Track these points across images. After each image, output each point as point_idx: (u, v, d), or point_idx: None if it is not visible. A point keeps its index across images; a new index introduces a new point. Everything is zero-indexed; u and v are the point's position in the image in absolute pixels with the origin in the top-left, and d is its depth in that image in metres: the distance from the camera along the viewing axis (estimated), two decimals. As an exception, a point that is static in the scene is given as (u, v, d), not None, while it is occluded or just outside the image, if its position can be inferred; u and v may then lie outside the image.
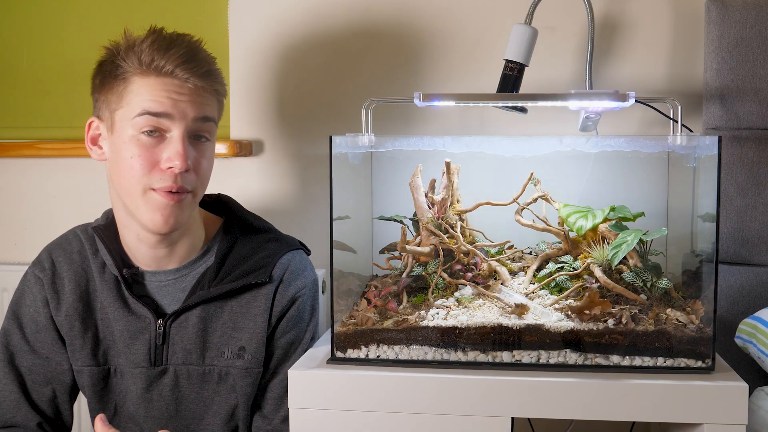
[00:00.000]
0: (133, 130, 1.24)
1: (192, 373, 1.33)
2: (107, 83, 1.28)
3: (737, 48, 1.55)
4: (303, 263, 1.40)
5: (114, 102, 1.27)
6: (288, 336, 1.35)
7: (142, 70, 1.24)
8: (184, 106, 1.25)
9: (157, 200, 1.25)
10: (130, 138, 1.24)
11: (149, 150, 1.24)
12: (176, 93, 1.24)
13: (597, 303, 1.20)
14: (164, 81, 1.24)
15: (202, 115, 1.27)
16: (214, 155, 1.34)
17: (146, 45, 1.24)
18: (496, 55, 1.62)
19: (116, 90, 1.26)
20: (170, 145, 1.25)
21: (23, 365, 1.36)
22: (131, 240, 1.33)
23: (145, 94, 1.24)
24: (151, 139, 1.24)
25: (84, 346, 1.34)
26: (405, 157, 1.44)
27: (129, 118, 1.24)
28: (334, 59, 1.75)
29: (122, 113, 1.25)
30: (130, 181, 1.25)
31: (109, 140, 1.29)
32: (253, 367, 1.33)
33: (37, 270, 1.38)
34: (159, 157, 1.25)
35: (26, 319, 1.37)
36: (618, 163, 1.47)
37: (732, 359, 1.43)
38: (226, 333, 1.33)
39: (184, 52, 1.25)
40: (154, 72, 1.24)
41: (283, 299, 1.35)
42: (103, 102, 1.28)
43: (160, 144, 1.25)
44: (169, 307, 1.35)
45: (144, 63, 1.24)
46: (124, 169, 1.25)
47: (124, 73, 1.25)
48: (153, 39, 1.25)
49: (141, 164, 1.24)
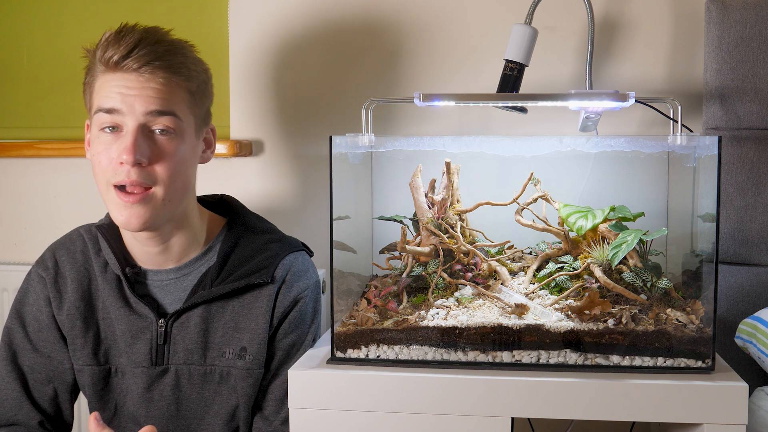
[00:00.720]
0: (96, 128, 1.26)
1: (193, 373, 1.33)
2: (87, 84, 1.30)
3: (737, 48, 1.55)
4: (306, 265, 1.40)
5: (89, 102, 1.29)
6: (290, 338, 1.35)
7: (103, 68, 1.25)
8: (131, 100, 1.23)
9: (115, 200, 1.25)
10: (96, 136, 1.27)
11: (109, 146, 1.25)
12: (125, 87, 1.23)
13: (597, 303, 1.20)
14: (115, 76, 1.24)
15: (153, 109, 1.23)
16: (191, 151, 1.30)
17: (105, 40, 1.25)
18: (496, 55, 1.63)
19: (89, 90, 1.29)
20: (121, 139, 1.24)
21: (25, 364, 1.37)
22: (127, 238, 1.35)
23: (100, 90, 1.25)
24: (110, 135, 1.25)
25: (85, 345, 1.34)
26: (405, 157, 1.44)
27: (92, 116, 1.27)
28: (334, 59, 1.75)
29: (92, 113, 1.28)
30: (98, 178, 1.27)
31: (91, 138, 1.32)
32: (254, 368, 1.33)
33: (40, 269, 1.38)
34: (115, 152, 1.24)
35: (29, 318, 1.37)
36: (618, 163, 1.47)
37: (732, 359, 1.43)
38: (227, 333, 1.33)
39: (133, 42, 1.23)
40: (111, 68, 1.24)
41: (285, 301, 1.34)
42: (87, 104, 1.31)
43: (118, 140, 1.25)
44: (171, 306, 1.35)
45: (104, 60, 1.24)
46: (94, 166, 1.28)
47: (94, 72, 1.27)
48: (114, 33, 1.25)
49: (101, 161, 1.25)
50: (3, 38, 1.88)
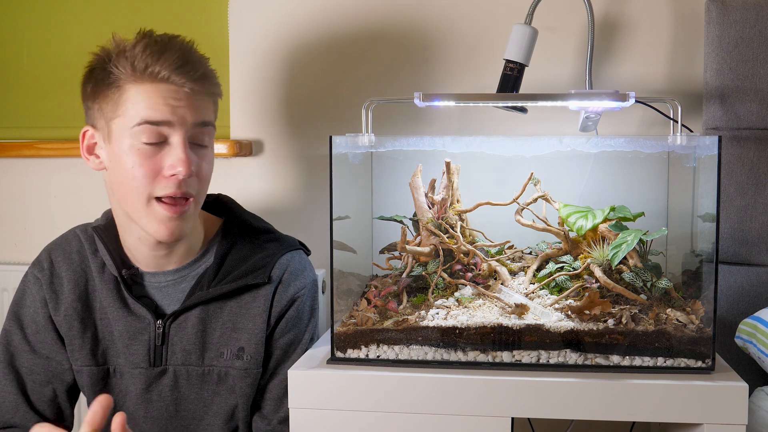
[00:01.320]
0: (132, 140, 1.22)
1: (191, 374, 1.33)
2: (100, 91, 1.25)
3: (737, 48, 1.55)
4: (302, 264, 1.40)
5: (109, 111, 1.24)
6: (287, 337, 1.35)
7: (136, 76, 1.22)
8: (182, 112, 1.23)
9: (160, 213, 1.24)
10: (130, 147, 1.22)
11: (150, 158, 1.22)
12: (173, 99, 1.22)
13: (597, 303, 1.20)
14: (159, 87, 1.22)
15: (200, 120, 1.25)
16: (213, 159, 1.32)
17: (138, 50, 1.22)
18: (496, 55, 1.62)
19: (111, 98, 1.23)
20: (172, 152, 1.23)
21: (24, 366, 1.36)
22: (131, 242, 1.33)
23: (142, 102, 1.21)
24: (151, 147, 1.22)
25: (83, 345, 1.34)
26: (405, 157, 1.44)
27: (127, 127, 1.22)
28: (334, 59, 1.75)
29: (120, 122, 1.23)
30: (133, 192, 1.23)
31: (107, 149, 1.26)
32: (252, 368, 1.33)
33: (36, 270, 1.38)
34: (161, 164, 1.23)
35: (27, 320, 1.37)
36: (618, 163, 1.47)
37: (732, 359, 1.43)
38: (225, 333, 1.33)
39: (178, 56, 1.23)
40: (149, 78, 1.21)
41: (282, 300, 1.35)
42: (98, 111, 1.26)
43: (161, 151, 1.23)
44: (169, 307, 1.35)
45: (138, 69, 1.21)
46: (126, 179, 1.23)
47: (117, 81, 1.23)
48: (145, 44, 1.22)
49: (143, 173, 1.22)
50: (3, 38, 1.88)
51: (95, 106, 1.26)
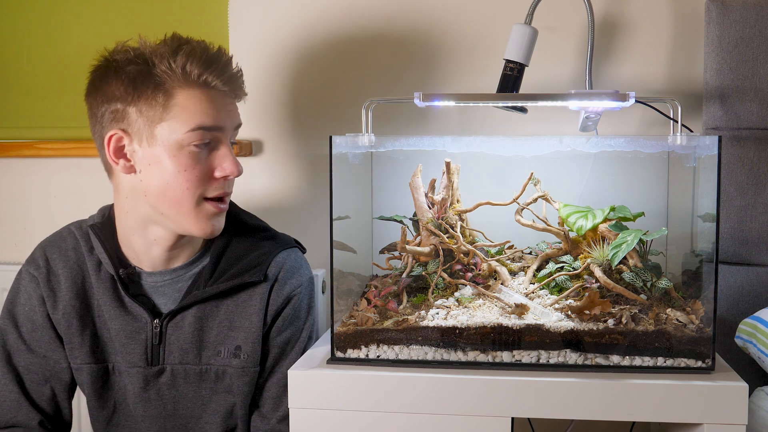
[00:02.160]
0: (184, 143, 1.25)
1: (189, 373, 1.33)
2: (141, 94, 1.24)
3: (737, 48, 1.55)
4: (298, 262, 1.40)
5: (156, 115, 1.24)
6: (284, 335, 1.36)
7: (188, 82, 1.25)
8: (227, 116, 1.29)
9: (209, 211, 1.29)
10: (180, 150, 1.25)
11: (203, 162, 1.27)
12: (223, 105, 1.28)
13: (597, 303, 1.20)
14: (210, 93, 1.26)
15: (238, 123, 1.33)
16: None
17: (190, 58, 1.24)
18: (496, 55, 1.63)
19: (156, 102, 1.24)
20: (220, 154, 1.28)
21: (21, 364, 1.36)
22: (140, 243, 1.33)
23: (194, 107, 1.24)
24: (202, 150, 1.26)
25: (83, 343, 1.34)
26: (405, 157, 1.44)
27: (180, 131, 1.24)
28: (334, 59, 1.75)
29: (168, 126, 1.24)
30: (184, 193, 1.26)
31: (146, 152, 1.25)
32: (249, 366, 1.33)
33: (31, 268, 1.37)
34: (211, 166, 1.28)
35: (22, 318, 1.36)
36: (618, 163, 1.47)
37: (732, 359, 1.43)
38: (222, 332, 1.33)
39: (224, 65, 1.28)
40: (201, 85, 1.26)
41: (278, 298, 1.35)
42: (135, 113, 1.24)
43: (209, 154, 1.28)
44: (166, 306, 1.35)
45: (192, 75, 1.24)
46: (177, 181, 1.25)
47: (163, 84, 1.24)
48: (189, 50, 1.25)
49: (197, 176, 1.26)
50: (3, 38, 1.88)
51: (132, 109, 1.24)
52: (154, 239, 1.31)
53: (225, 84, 1.28)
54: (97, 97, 1.28)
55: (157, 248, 1.32)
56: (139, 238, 1.32)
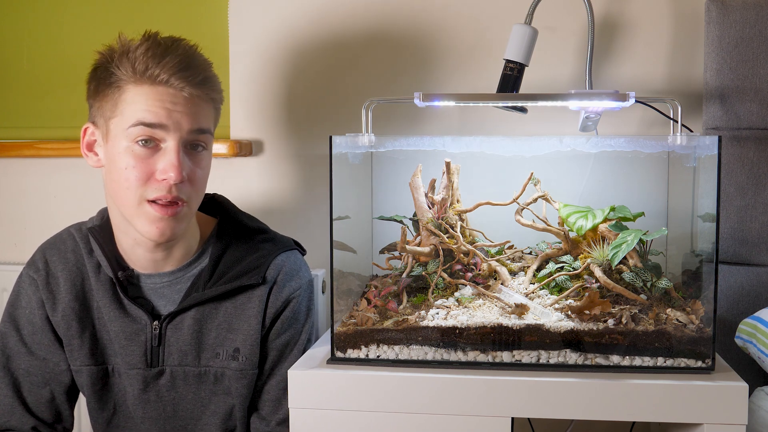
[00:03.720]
0: (127, 141, 1.22)
1: (188, 374, 1.33)
2: (101, 90, 1.25)
3: (737, 48, 1.55)
4: (297, 264, 1.40)
5: (108, 110, 1.24)
6: (283, 337, 1.35)
7: (136, 78, 1.22)
8: (178, 117, 1.23)
9: (151, 213, 1.24)
10: (125, 148, 1.23)
11: (144, 161, 1.23)
12: (171, 103, 1.22)
13: (597, 303, 1.20)
14: (158, 90, 1.22)
15: (197, 127, 1.25)
16: (210, 164, 1.32)
17: (140, 52, 1.22)
18: (496, 55, 1.63)
19: (110, 98, 1.24)
20: (165, 156, 1.23)
21: (20, 367, 1.36)
22: (128, 243, 1.33)
23: (140, 103, 1.21)
24: (145, 149, 1.22)
25: (82, 345, 1.34)
26: (405, 157, 1.44)
27: (123, 127, 1.22)
28: (334, 59, 1.75)
29: (116, 122, 1.24)
30: (126, 192, 1.23)
31: (104, 148, 1.27)
32: (247, 369, 1.33)
33: (31, 271, 1.37)
34: (154, 167, 1.23)
35: (23, 321, 1.36)
36: (618, 163, 1.47)
37: (732, 359, 1.43)
38: (221, 334, 1.33)
39: (180, 60, 1.23)
40: (148, 80, 1.22)
41: (277, 301, 1.34)
42: (98, 109, 1.26)
43: (155, 154, 1.23)
44: (165, 308, 1.34)
45: (138, 71, 1.21)
46: (120, 179, 1.24)
47: (118, 81, 1.23)
48: (147, 46, 1.22)
49: (136, 176, 1.22)
50: (3, 38, 1.88)
51: (96, 104, 1.27)
52: (134, 240, 1.31)
53: (179, 80, 1.22)
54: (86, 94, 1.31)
55: (139, 249, 1.32)
56: (125, 238, 1.32)
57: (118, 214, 1.29)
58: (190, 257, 1.36)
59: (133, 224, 1.26)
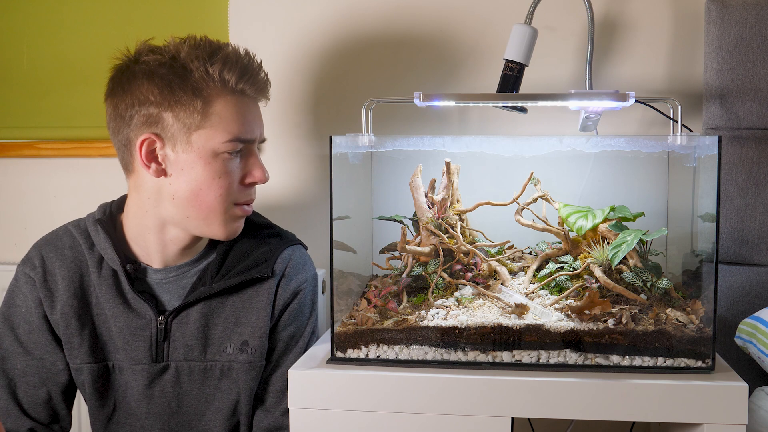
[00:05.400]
0: (219, 151, 1.26)
1: (193, 369, 1.34)
2: (180, 100, 1.23)
3: (737, 48, 1.55)
4: (303, 258, 1.42)
5: (193, 122, 1.24)
6: (289, 329, 1.37)
7: (223, 89, 1.25)
8: (258, 126, 1.32)
9: (237, 214, 1.31)
10: (215, 158, 1.26)
11: (236, 169, 1.29)
12: (254, 113, 1.31)
13: (597, 303, 1.20)
14: (244, 101, 1.28)
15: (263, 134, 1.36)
16: None
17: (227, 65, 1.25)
18: (496, 55, 1.63)
19: (193, 108, 1.23)
20: (251, 161, 1.31)
21: (16, 368, 1.35)
22: (154, 241, 1.33)
23: (231, 116, 1.26)
24: (235, 158, 1.28)
25: (82, 343, 1.34)
26: (405, 157, 1.44)
27: (217, 140, 1.25)
28: (334, 59, 1.75)
29: (206, 134, 1.24)
30: (217, 199, 1.28)
31: (180, 158, 1.25)
32: (256, 361, 1.34)
33: (27, 269, 1.36)
34: (242, 173, 1.30)
35: (18, 320, 1.36)
36: (618, 163, 1.47)
37: (732, 359, 1.43)
38: (228, 328, 1.34)
39: (258, 75, 1.30)
40: (237, 93, 1.27)
41: (285, 293, 1.36)
42: (173, 119, 1.23)
43: (241, 160, 1.30)
44: (170, 303, 1.35)
45: (229, 83, 1.25)
46: (209, 188, 1.27)
47: (201, 91, 1.24)
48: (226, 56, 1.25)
49: (230, 182, 1.28)
50: (3, 38, 1.88)
51: (167, 114, 1.24)
52: (170, 239, 1.33)
53: (257, 92, 1.31)
54: (125, 98, 1.25)
55: (172, 247, 1.34)
56: (154, 237, 1.33)
57: (159, 216, 1.30)
58: (198, 252, 1.37)
59: (209, 228, 1.30)
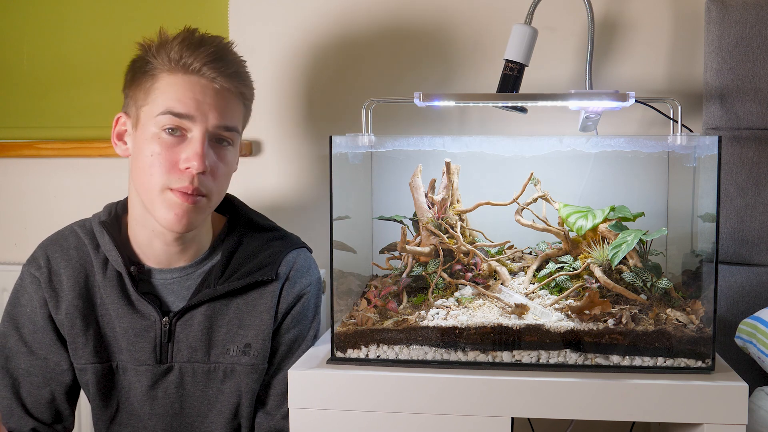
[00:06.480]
0: (155, 128, 1.25)
1: (197, 371, 1.34)
2: (137, 79, 1.28)
3: (737, 48, 1.55)
4: (308, 261, 1.42)
5: (141, 98, 1.27)
6: (292, 332, 1.37)
7: (170, 67, 1.25)
8: (206, 108, 1.25)
9: (172, 200, 1.25)
10: (152, 135, 1.25)
11: (170, 149, 1.25)
12: (201, 94, 1.25)
13: (597, 303, 1.20)
14: (190, 80, 1.25)
15: (223, 123, 1.27)
16: (234, 162, 1.35)
17: (176, 42, 1.25)
18: (496, 55, 1.63)
19: (143, 86, 1.27)
20: (189, 145, 1.25)
21: (20, 367, 1.35)
22: (144, 237, 1.33)
23: (170, 92, 1.24)
24: (172, 138, 1.25)
25: (87, 343, 1.34)
26: (405, 157, 1.44)
27: (153, 115, 1.25)
28: (334, 59, 1.75)
29: (147, 110, 1.26)
30: (150, 179, 1.25)
31: (133, 136, 1.30)
32: (259, 363, 1.34)
33: (32, 268, 1.36)
34: (178, 156, 1.25)
35: (23, 320, 1.36)
36: (618, 163, 1.47)
37: (732, 359, 1.43)
38: (231, 330, 1.34)
39: (213, 50, 1.26)
40: (181, 70, 1.25)
41: (289, 296, 1.36)
42: (131, 98, 1.29)
43: (181, 144, 1.25)
44: (174, 304, 1.35)
45: (173, 60, 1.25)
46: (144, 166, 1.26)
47: (153, 70, 1.26)
48: (184, 36, 1.26)
49: (161, 163, 1.24)
50: (3, 38, 1.88)
51: (130, 93, 1.30)
52: (153, 231, 1.32)
53: (211, 70, 1.25)
54: None
55: (157, 242, 1.33)
56: (143, 231, 1.33)
57: (139, 203, 1.31)
58: (202, 253, 1.37)
59: (152, 212, 1.27)
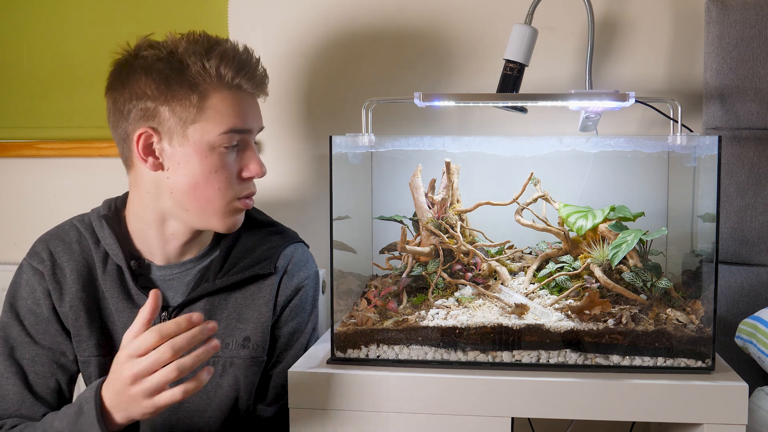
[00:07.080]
0: (215, 145, 1.26)
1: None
2: (176, 94, 1.24)
3: (737, 48, 1.55)
4: (306, 255, 1.43)
5: (189, 116, 1.24)
6: (291, 325, 1.38)
7: (221, 84, 1.25)
8: (254, 119, 1.31)
9: (239, 207, 1.31)
10: (211, 151, 1.26)
11: (232, 163, 1.29)
12: (249, 106, 1.30)
13: (597, 303, 1.20)
14: (240, 96, 1.28)
15: (261, 126, 1.34)
16: None
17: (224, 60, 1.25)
18: (496, 55, 1.63)
19: (189, 102, 1.24)
20: (247, 155, 1.30)
21: (25, 357, 1.36)
22: (156, 237, 1.34)
23: (227, 109, 1.26)
24: (230, 152, 1.28)
25: (90, 336, 1.34)
26: (405, 157, 1.44)
27: (213, 133, 1.25)
28: (334, 59, 1.75)
29: (201, 127, 1.25)
30: (215, 193, 1.27)
31: (176, 151, 1.26)
32: (258, 356, 1.35)
33: (34, 262, 1.36)
34: (238, 167, 1.30)
35: (24, 311, 1.36)
36: (618, 163, 1.47)
37: (732, 359, 1.43)
38: (230, 324, 1.34)
39: (256, 70, 1.30)
40: (233, 88, 1.27)
41: (287, 289, 1.37)
42: (169, 113, 1.24)
43: (236, 153, 1.29)
44: (173, 299, 1.35)
45: (225, 78, 1.25)
46: (208, 181, 1.27)
47: (198, 85, 1.24)
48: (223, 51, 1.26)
49: (227, 177, 1.28)
50: (3, 38, 1.88)
51: (163, 108, 1.24)
52: (171, 234, 1.33)
53: (254, 87, 1.30)
54: (123, 92, 1.27)
55: (173, 242, 1.34)
56: (155, 232, 1.34)
57: (158, 211, 1.31)
58: (202, 249, 1.38)
59: (208, 221, 1.30)
